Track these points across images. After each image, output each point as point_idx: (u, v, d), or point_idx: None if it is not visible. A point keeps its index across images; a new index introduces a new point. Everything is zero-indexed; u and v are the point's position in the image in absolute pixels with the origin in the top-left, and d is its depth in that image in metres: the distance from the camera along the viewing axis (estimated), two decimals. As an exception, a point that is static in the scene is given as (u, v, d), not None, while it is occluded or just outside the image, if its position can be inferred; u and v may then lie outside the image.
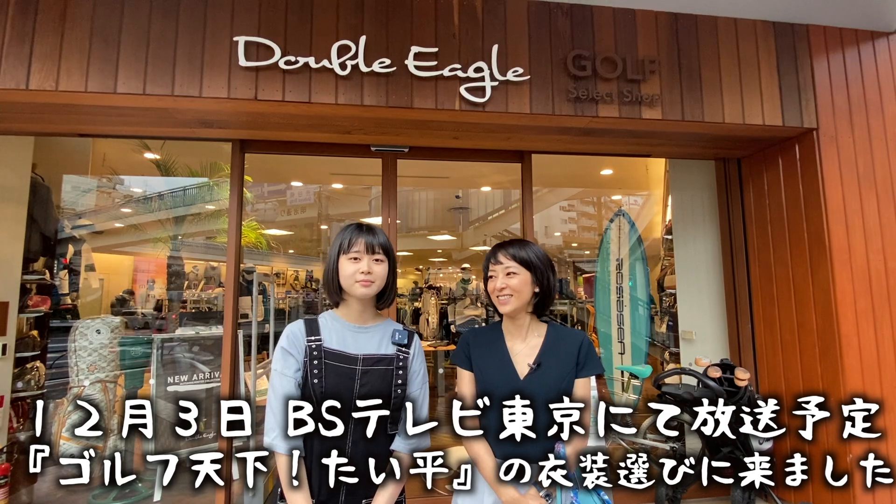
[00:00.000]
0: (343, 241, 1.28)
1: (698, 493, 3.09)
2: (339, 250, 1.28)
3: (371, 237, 1.28)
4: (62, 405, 3.09)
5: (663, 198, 4.30)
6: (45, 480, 3.14)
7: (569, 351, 1.35)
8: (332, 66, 2.35)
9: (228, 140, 2.95)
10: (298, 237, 9.72)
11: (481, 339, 1.43)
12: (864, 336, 2.68)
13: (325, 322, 1.30)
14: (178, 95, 2.27)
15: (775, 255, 3.09)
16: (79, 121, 2.64)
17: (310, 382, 1.22)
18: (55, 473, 3.22)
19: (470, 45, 2.49)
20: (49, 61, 2.21)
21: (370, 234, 1.29)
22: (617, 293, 3.99)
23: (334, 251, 1.30)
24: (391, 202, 3.06)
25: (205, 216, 5.07)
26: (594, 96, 2.55)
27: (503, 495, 1.26)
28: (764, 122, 2.72)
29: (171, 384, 3.24)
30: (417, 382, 1.32)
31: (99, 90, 2.23)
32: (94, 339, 3.17)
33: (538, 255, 1.38)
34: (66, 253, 3.95)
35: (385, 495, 1.22)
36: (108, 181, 5.14)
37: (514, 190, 6.62)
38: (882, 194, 2.81)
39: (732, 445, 2.73)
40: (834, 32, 2.87)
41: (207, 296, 6.27)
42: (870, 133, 2.85)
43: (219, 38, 2.32)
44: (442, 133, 2.81)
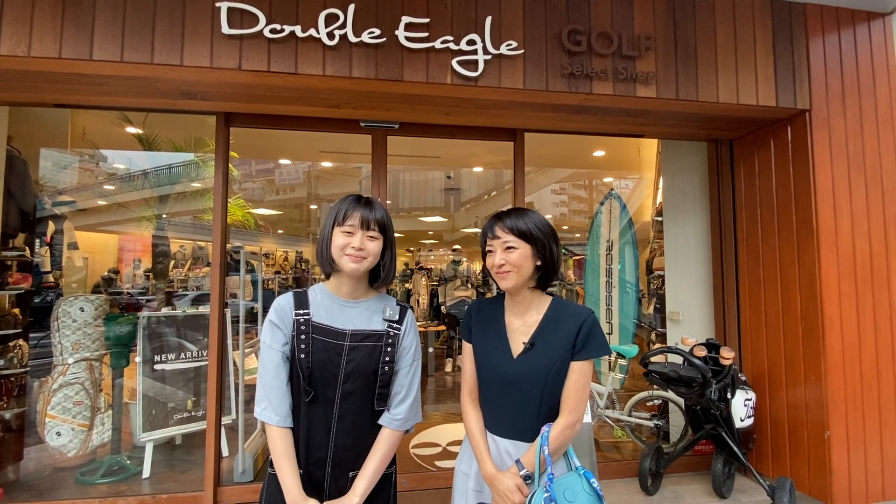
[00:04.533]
0: (339, 213, 1.23)
1: (680, 469, 3.17)
2: (333, 221, 1.24)
3: (368, 211, 1.23)
4: (46, 383, 3.06)
5: (654, 180, 4.30)
6: (32, 458, 3.12)
7: (566, 331, 1.25)
8: (319, 35, 2.26)
9: (212, 113, 2.85)
10: (288, 217, 9.61)
11: (483, 312, 1.38)
12: (847, 317, 2.73)
13: (314, 295, 1.27)
14: (157, 64, 2.18)
15: (763, 237, 3.11)
16: (54, 90, 2.53)
17: (297, 356, 1.20)
18: (41, 451, 3.21)
19: (463, 17, 2.42)
20: (20, 25, 2.10)
21: (367, 207, 1.23)
22: (606, 275, 4.02)
23: (329, 221, 1.25)
24: (381, 181, 3.00)
25: (191, 194, 4.96)
26: (588, 72, 2.51)
27: (483, 469, 1.27)
28: (758, 102, 2.70)
29: (158, 363, 3.21)
30: (408, 358, 1.30)
31: (74, 57, 2.13)
32: (77, 317, 3.12)
33: (539, 225, 1.27)
34: (47, 230, 3.84)
35: (371, 468, 1.22)
36: (91, 158, 4.98)
37: (506, 171, 6.57)
38: (870, 178, 2.83)
39: (715, 423, 2.79)
40: (831, 12, 2.84)
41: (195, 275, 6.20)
42: (861, 116, 2.85)
43: (200, 4, 2.22)
44: (433, 109, 2.75)
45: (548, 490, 1.13)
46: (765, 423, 3.05)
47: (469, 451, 1.37)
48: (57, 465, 3.08)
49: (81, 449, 3.04)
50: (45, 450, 3.06)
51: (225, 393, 3.14)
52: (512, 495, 1.18)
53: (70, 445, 3.00)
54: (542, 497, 1.13)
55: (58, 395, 3.00)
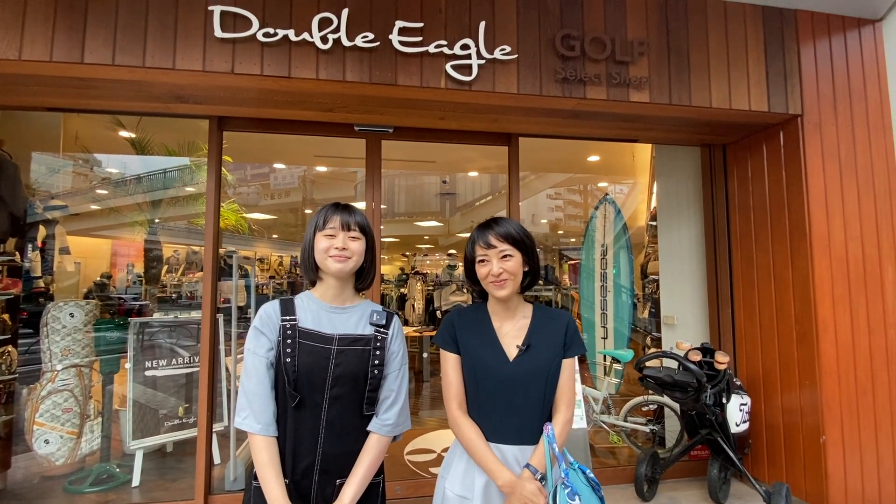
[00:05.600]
0: (319, 219, 1.27)
1: (676, 474, 3.16)
2: (315, 228, 1.27)
3: (347, 215, 1.27)
4: (35, 390, 3.01)
5: (649, 185, 4.31)
6: (19, 466, 3.07)
7: (556, 332, 1.33)
8: (312, 39, 2.26)
9: (205, 117, 2.84)
10: (282, 222, 9.57)
11: (467, 321, 1.37)
12: (841, 321, 2.74)
13: (301, 302, 1.27)
14: (149, 67, 2.17)
15: (757, 241, 3.12)
16: (45, 93, 2.51)
17: (282, 361, 1.18)
18: (29, 459, 3.15)
19: (457, 21, 2.42)
20: (11, 29, 2.09)
21: (346, 212, 1.27)
22: (601, 279, 4.02)
23: (311, 229, 1.28)
24: (375, 185, 2.99)
25: (185, 199, 4.93)
26: (582, 77, 2.51)
27: (499, 478, 1.22)
28: (750, 107, 2.72)
29: (150, 369, 3.17)
30: (395, 364, 1.29)
31: (65, 60, 2.11)
32: (67, 323, 3.07)
33: (524, 232, 1.33)
34: (38, 235, 3.80)
35: (359, 475, 1.20)
36: (85, 163, 4.95)
37: (501, 175, 6.58)
38: (862, 182, 2.85)
39: (711, 428, 2.78)
40: (822, 18, 2.87)
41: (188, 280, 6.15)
42: (852, 121, 2.87)
43: (193, 7, 2.21)
44: (427, 113, 2.75)
45: (567, 484, 1.17)
46: (760, 428, 3.04)
47: (462, 469, 1.31)
48: (45, 474, 3.03)
49: (70, 457, 2.99)
50: (33, 458, 3.00)
51: (217, 399, 3.11)
52: (536, 499, 1.17)
53: (58, 453, 2.95)
54: (564, 493, 1.16)
55: (46, 403, 2.95)
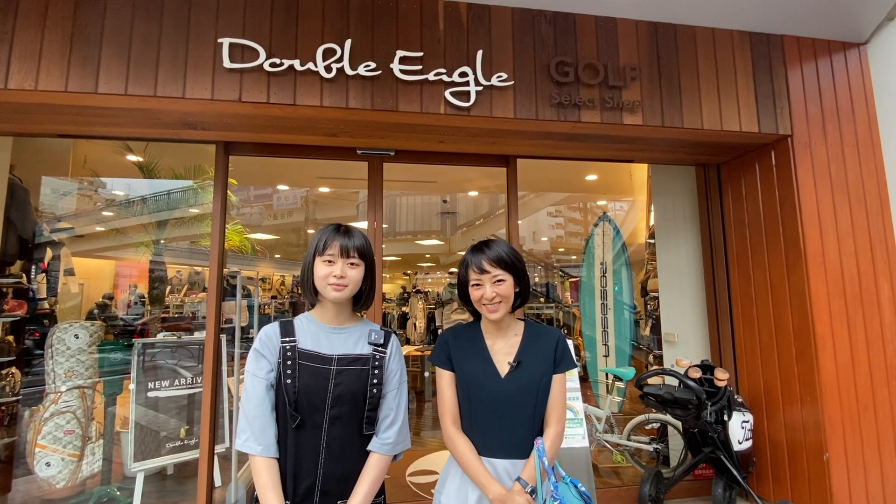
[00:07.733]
0: (319, 243, 1.26)
1: (681, 494, 3.12)
2: (314, 251, 1.27)
3: (346, 240, 1.26)
4: (38, 412, 3.01)
5: (647, 203, 4.38)
6: (19, 490, 3.05)
7: (546, 348, 1.37)
8: (317, 68, 2.36)
9: (212, 142, 2.93)
10: (285, 241, 9.64)
11: (461, 339, 1.43)
12: (839, 337, 2.76)
13: (300, 324, 1.30)
14: (160, 96, 2.26)
15: (753, 258, 3.16)
16: (59, 121, 2.60)
17: (283, 383, 1.20)
18: (30, 482, 3.13)
19: (455, 50, 2.52)
20: (29, 61, 2.18)
21: (346, 236, 1.26)
22: (601, 297, 4.04)
23: (310, 252, 1.29)
24: (377, 206, 3.06)
25: (189, 220, 5.00)
26: (577, 102, 2.60)
27: (490, 492, 1.26)
28: (741, 128, 2.80)
29: (152, 390, 3.18)
30: (394, 382, 1.31)
31: (79, 90, 2.20)
32: (71, 344, 3.10)
33: (515, 255, 1.37)
34: (45, 257, 3.86)
35: (360, 495, 1.21)
36: (90, 185, 5.05)
37: (501, 195, 6.66)
38: (854, 199, 2.91)
39: (713, 446, 2.77)
40: (808, 43, 2.97)
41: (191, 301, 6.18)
42: (842, 140, 2.95)
43: (203, 40, 2.32)
44: (428, 137, 2.83)
45: (555, 497, 1.21)
46: (764, 446, 3.02)
47: (456, 484, 1.35)
48: (45, 497, 3.01)
49: (71, 480, 2.97)
50: (33, 481, 2.99)
51: (218, 421, 3.10)
52: None
53: (59, 476, 2.94)
54: None
55: (49, 424, 2.95)
